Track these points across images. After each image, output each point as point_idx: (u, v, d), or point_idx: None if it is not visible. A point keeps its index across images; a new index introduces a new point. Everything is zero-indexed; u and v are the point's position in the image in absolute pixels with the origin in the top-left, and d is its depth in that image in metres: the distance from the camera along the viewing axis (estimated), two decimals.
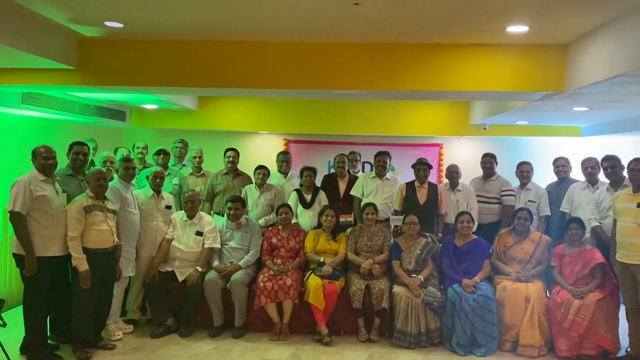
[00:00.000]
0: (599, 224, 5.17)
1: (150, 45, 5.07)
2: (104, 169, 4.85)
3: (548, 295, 5.01)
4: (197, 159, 6.42)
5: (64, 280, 4.55)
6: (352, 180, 6.15)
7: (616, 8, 3.66)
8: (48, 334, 4.57)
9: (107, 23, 4.47)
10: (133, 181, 5.35)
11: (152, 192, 5.27)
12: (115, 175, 5.26)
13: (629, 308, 4.65)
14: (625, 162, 4.80)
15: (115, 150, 6.53)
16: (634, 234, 4.43)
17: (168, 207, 5.40)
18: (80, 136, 6.38)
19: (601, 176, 5.42)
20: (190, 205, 5.32)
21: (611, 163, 5.13)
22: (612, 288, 4.79)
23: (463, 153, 8.82)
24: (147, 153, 6.59)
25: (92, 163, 5.82)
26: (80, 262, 4.33)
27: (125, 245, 4.88)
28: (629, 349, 4.72)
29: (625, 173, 4.93)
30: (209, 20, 4.35)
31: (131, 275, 5.08)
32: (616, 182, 5.13)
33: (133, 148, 6.63)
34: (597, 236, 5.18)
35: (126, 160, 5.12)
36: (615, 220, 4.71)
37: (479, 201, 5.92)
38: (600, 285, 4.81)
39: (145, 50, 5.09)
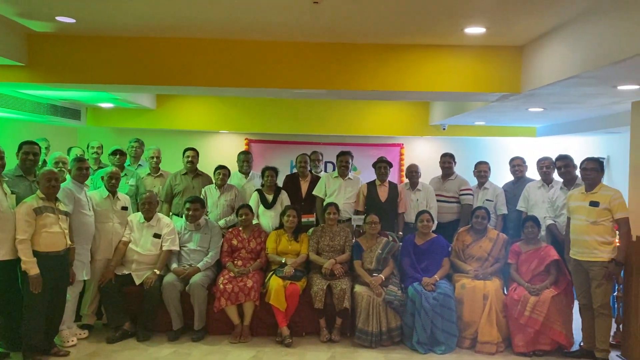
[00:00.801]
0: (553, 222, 5.31)
1: (105, 41, 4.93)
2: (55, 170, 4.67)
3: (506, 292, 5.11)
4: (155, 159, 6.28)
5: (14, 285, 4.35)
6: (314, 180, 6.14)
7: (569, 11, 3.76)
8: None
9: (58, 18, 4.32)
10: (88, 182, 5.19)
11: (107, 193, 5.12)
12: (67, 176, 5.08)
13: (582, 304, 4.79)
14: (578, 162, 4.94)
15: (69, 150, 6.33)
16: (587, 232, 4.57)
17: (124, 209, 5.26)
18: (32, 135, 6.14)
19: (556, 175, 5.57)
20: (147, 206, 5.19)
21: (564, 163, 5.28)
22: (567, 284, 4.92)
23: (423, 153, 8.95)
24: (102, 153, 6.40)
25: (45, 163, 5.61)
26: (30, 266, 4.17)
27: (79, 248, 4.72)
28: (582, 344, 4.86)
29: (578, 172, 5.08)
30: (165, 16, 4.26)
31: (86, 279, 4.92)
32: (569, 182, 5.27)
33: (88, 148, 6.43)
34: (552, 234, 5.32)
35: (79, 160, 4.97)
36: (569, 219, 4.85)
37: (438, 200, 5.99)
38: (555, 281, 4.93)
39: (100, 46, 4.94)
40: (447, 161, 6.18)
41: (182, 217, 5.53)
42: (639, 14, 3.07)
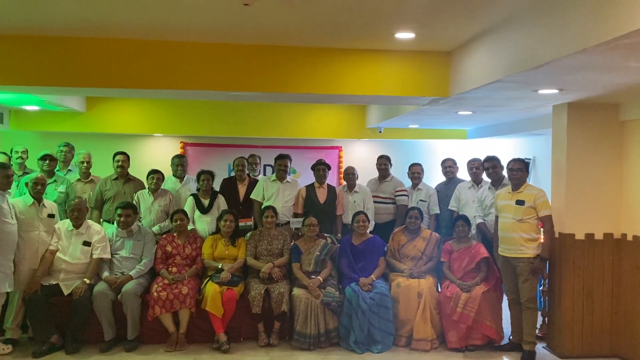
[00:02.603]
0: (483, 221, 5.52)
1: (29, 41, 4.69)
2: None
3: (439, 290, 5.26)
4: (85, 164, 6.02)
5: None
6: (252, 183, 6.10)
7: (492, 18, 3.92)
8: None
9: None
10: (10, 189, 4.92)
11: (32, 200, 4.88)
12: None
13: (510, 299, 5.00)
14: (505, 163, 5.15)
15: None
16: (513, 229, 4.77)
17: (51, 216, 5.02)
18: None
19: (485, 176, 5.78)
20: (76, 214, 4.98)
21: (492, 163, 5.50)
22: (496, 281, 5.12)
23: (361, 155, 9.07)
24: (27, 158, 6.09)
25: None
26: None
27: (1, 258, 4.47)
28: (511, 337, 5.07)
29: (505, 172, 5.30)
30: (92, 16, 4.11)
31: (9, 290, 4.66)
32: (497, 181, 5.50)
33: (11, 153, 6.10)
34: (482, 232, 5.53)
35: (2, 167, 4.69)
36: (497, 217, 5.05)
37: (375, 201, 6.10)
38: (485, 278, 5.12)
39: (24, 46, 4.70)
40: (383, 163, 6.30)
41: (113, 223, 5.34)
42: (554, 22, 3.24)
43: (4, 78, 4.77)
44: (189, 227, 5.48)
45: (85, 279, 4.86)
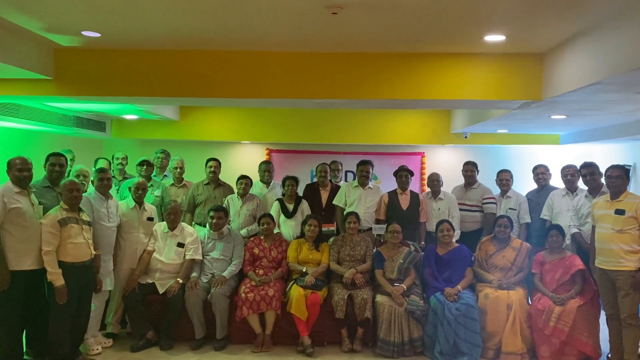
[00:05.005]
0: (578, 231, 5.22)
1: (130, 54, 5.03)
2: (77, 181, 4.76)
3: (529, 302, 5.04)
4: (179, 170, 6.36)
5: (40, 294, 4.43)
6: (334, 189, 6.15)
7: (589, 18, 3.72)
8: (24, 349, 4.47)
9: (84, 32, 4.43)
10: (113, 192, 5.26)
11: (134, 203, 5.21)
12: (91, 187, 5.18)
13: (609, 314, 4.69)
14: (603, 169, 4.86)
15: (96, 162, 6.45)
16: (612, 240, 4.48)
17: (150, 219, 5.33)
18: (59, 147, 6.30)
19: (580, 183, 5.48)
20: (172, 216, 5.26)
21: (590, 170, 5.20)
22: (593, 294, 4.83)
23: (445, 161, 8.89)
24: (126, 164, 6.52)
25: (69, 175, 5.73)
26: (56, 277, 4.23)
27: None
28: (609, 355, 4.75)
29: (603, 180, 5.00)
30: (189, 29, 4.34)
31: (109, 289, 4.98)
32: (594, 189, 5.19)
33: (113, 159, 6.56)
34: (577, 243, 5.24)
35: (100, 171, 5.02)
36: (594, 227, 4.76)
37: (461, 209, 5.94)
38: (580, 291, 4.85)
39: (125, 59, 5.05)
40: (469, 169, 6.14)
41: (204, 226, 5.59)
42: None
43: (108, 90, 5.13)
44: (275, 231, 5.61)
45: (179, 279, 5.10)
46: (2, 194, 4.12)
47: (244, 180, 5.91)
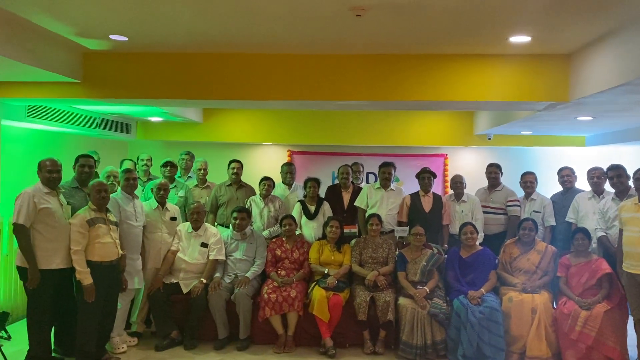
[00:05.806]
0: (605, 234, 5.13)
1: (155, 57, 5.12)
2: (106, 182, 4.84)
3: (554, 306, 4.97)
4: (202, 171, 6.43)
5: (69, 292, 4.54)
6: (356, 191, 6.14)
7: (618, 18, 3.67)
8: (52, 347, 4.56)
9: (111, 36, 4.52)
10: (138, 193, 5.34)
11: (157, 204, 5.28)
12: (119, 189, 5.26)
13: (636, 319, 4.59)
14: (630, 172, 4.78)
15: (121, 163, 6.56)
16: None
17: (173, 219, 5.40)
18: (86, 149, 6.42)
19: (607, 186, 5.39)
20: (196, 216, 5.32)
21: (617, 172, 5.10)
22: (620, 299, 4.74)
23: (468, 163, 8.82)
24: (151, 165, 6.61)
25: (97, 175, 5.83)
26: (84, 276, 4.32)
27: (127, 258, 4.86)
28: None
29: (631, 183, 4.90)
30: (213, 33, 4.39)
31: (137, 287, 5.05)
32: (622, 192, 5.09)
33: (138, 160, 6.66)
34: (604, 246, 5.14)
35: (126, 171, 5.11)
36: (621, 231, 4.67)
37: (484, 212, 5.88)
38: (607, 296, 4.77)
39: (150, 62, 5.13)
40: (493, 172, 6.07)
41: (227, 227, 5.63)
42: None
43: (134, 93, 5.22)
44: (297, 232, 5.64)
45: (202, 279, 5.15)
46: (33, 195, 4.22)
47: (267, 181, 5.94)
